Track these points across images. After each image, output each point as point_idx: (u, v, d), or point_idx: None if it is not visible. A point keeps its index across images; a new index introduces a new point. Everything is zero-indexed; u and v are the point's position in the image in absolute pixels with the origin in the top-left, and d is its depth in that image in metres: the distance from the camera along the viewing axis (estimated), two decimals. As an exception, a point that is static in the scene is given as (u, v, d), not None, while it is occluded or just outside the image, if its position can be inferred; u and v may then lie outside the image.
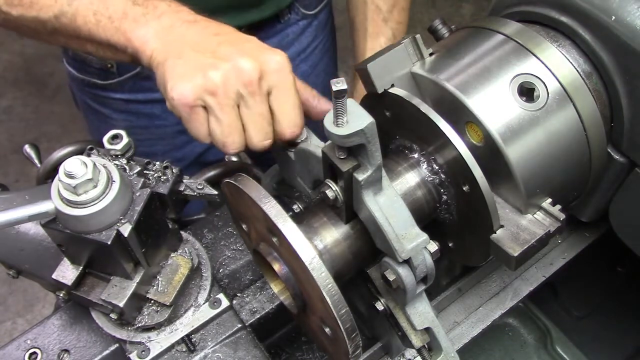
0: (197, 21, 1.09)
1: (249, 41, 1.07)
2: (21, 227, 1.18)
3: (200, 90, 0.99)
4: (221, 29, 1.09)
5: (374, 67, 1.02)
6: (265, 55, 1.03)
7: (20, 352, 1.13)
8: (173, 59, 1.03)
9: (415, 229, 0.90)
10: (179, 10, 1.11)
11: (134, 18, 1.09)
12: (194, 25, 1.08)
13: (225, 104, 1.00)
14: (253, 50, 1.03)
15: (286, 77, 1.03)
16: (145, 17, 1.09)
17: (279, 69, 1.03)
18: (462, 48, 1.05)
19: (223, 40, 1.05)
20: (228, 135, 1.03)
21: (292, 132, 1.06)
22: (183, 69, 1.01)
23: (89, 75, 1.75)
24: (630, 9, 0.98)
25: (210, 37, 1.06)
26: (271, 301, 1.21)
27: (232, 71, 0.99)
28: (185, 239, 1.18)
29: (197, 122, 1.03)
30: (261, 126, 1.03)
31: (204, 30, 1.07)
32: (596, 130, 1.03)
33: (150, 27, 1.08)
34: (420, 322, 0.97)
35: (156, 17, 1.08)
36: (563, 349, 1.58)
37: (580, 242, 1.32)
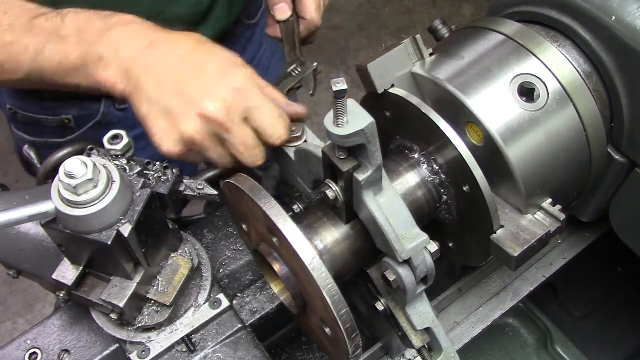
0: (154, 45, 1.10)
1: (209, 60, 1.09)
2: (21, 227, 1.17)
3: (181, 144, 1.07)
4: (179, 50, 1.10)
5: (374, 67, 1.02)
6: (228, 80, 1.06)
7: (20, 352, 1.13)
8: (145, 103, 1.08)
9: (415, 229, 0.90)
10: (132, 35, 1.11)
11: (93, 60, 1.12)
12: (154, 52, 1.09)
13: (207, 147, 1.07)
14: (215, 80, 1.06)
15: (254, 95, 1.06)
16: (103, 60, 1.11)
17: (246, 90, 1.06)
18: (462, 48, 1.05)
19: (185, 71, 1.07)
20: (225, 164, 1.10)
21: (279, 139, 1.08)
22: (158, 123, 1.07)
23: (45, 136, 1.68)
24: (630, 9, 0.98)
25: (172, 70, 1.08)
26: (271, 301, 1.20)
27: (200, 120, 1.04)
28: (185, 239, 1.18)
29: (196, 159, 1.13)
30: (249, 150, 1.07)
31: (165, 58, 1.09)
32: (596, 130, 1.03)
33: (111, 68, 1.10)
34: (420, 322, 0.97)
35: (113, 51, 1.10)
36: (563, 349, 1.58)
37: (580, 242, 1.32)
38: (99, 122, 1.67)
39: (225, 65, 1.09)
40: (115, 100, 1.64)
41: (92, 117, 1.66)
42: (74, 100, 1.63)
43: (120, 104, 1.66)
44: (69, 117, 1.65)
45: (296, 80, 1.26)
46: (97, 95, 1.63)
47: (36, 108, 1.66)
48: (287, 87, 1.23)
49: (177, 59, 1.08)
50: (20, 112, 1.68)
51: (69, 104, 1.63)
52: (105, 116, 1.66)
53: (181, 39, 1.11)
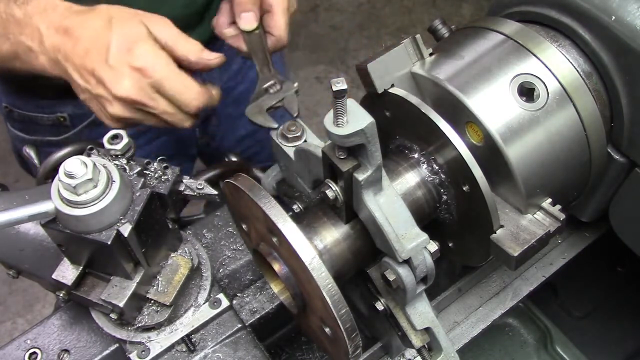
0: (69, 32, 1.15)
1: (112, 40, 1.13)
2: (21, 227, 1.17)
3: (117, 122, 1.19)
4: (89, 32, 1.14)
5: (374, 67, 1.02)
6: (131, 59, 1.11)
7: (20, 352, 1.13)
8: (79, 91, 1.20)
9: (415, 229, 0.90)
10: (49, 23, 1.15)
11: (25, 51, 1.19)
12: (70, 40, 1.15)
13: (139, 120, 1.18)
14: (120, 61, 1.12)
15: (159, 69, 1.12)
16: (33, 51, 1.18)
17: (149, 66, 1.12)
18: (462, 48, 1.05)
19: (97, 56, 1.13)
20: (162, 126, 1.20)
21: (197, 103, 1.16)
22: (93, 106, 1.21)
23: (41, 134, 1.70)
24: (630, 9, 0.98)
25: (87, 56, 1.14)
26: (271, 301, 1.21)
27: (120, 102, 1.15)
28: (185, 239, 1.18)
29: (140, 125, 1.23)
30: (173, 116, 1.17)
31: (80, 44, 1.14)
32: (596, 130, 1.03)
33: (41, 58, 1.19)
34: (420, 322, 0.97)
35: (38, 42, 1.17)
36: (563, 349, 1.58)
37: (580, 242, 1.32)
38: (93, 122, 1.66)
39: (126, 42, 1.12)
40: None
41: (87, 115, 1.65)
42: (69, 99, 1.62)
43: None
44: (64, 116, 1.65)
45: (277, 99, 1.19)
46: None
47: (32, 106, 1.66)
48: (267, 106, 1.17)
49: (88, 43, 1.14)
50: (16, 110, 1.68)
51: (64, 102, 1.63)
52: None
53: (90, 19, 1.15)
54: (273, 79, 1.20)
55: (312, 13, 4.32)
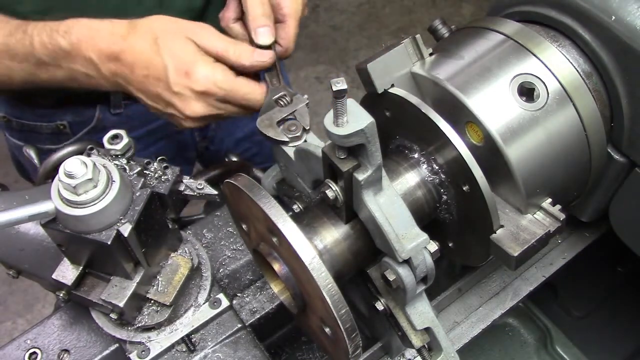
0: (121, 58, 1.16)
1: (168, 67, 1.14)
2: (21, 227, 1.18)
3: (189, 128, 1.25)
4: (142, 57, 1.15)
5: (374, 67, 1.02)
6: (192, 84, 1.14)
7: (20, 352, 1.13)
8: (151, 109, 1.23)
9: (415, 229, 0.90)
10: (100, 53, 1.16)
11: (82, 77, 1.21)
12: (125, 67, 1.16)
13: (211, 121, 1.32)
14: (181, 81, 1.14)
15: (220, 88, 1.14)
16: (92, 78, 1.20)
17: (210, 88, 1.14)
18: (462, 48, 1.05)
19: (156, 82, 1.16)
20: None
21: (261, 98, 1.17)
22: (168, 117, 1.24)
23: (40, 142, 1.68)
24: (630, 9, 0.98)
25: (147, 82, 1.17)
26: (271, 301, 1.21)
27: (194, 121, 1.20)
28: (185, 239, 1.18)
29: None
30: (244, 112, 1.21)
31: (135, 71, 1.16)
32: (596, 130, 1.03)
33: (102, 83, 1.21)
34: (420, 322, 0.97)
35: (95, 70, 1.18)
36: (563, 349, 1.58)
37: (580, 242, 1.32)
38: (94, 128, 1.67)
39: (182, 66, 1.13)
40: (110, 105, 1.65)
41: (87, 123, 1.66)
42: (69, 107, 1.63)
43: (115, 109, 1.66)
44: (64, 124, 1.65)
45: (287, 112, 1.15)
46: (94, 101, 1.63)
47: (30, 115, 1.65)
48: (278, 119, 1.14)
49: (144, 69, 1.16)
50: (15, 119, 1.67)
51: (64, 110, 1.63)
52: (101, 122, 1.66)
53: (136, 42, 1.15)
54: (283, 91, 1.17)
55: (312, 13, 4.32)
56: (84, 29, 1.16)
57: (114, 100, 1.64)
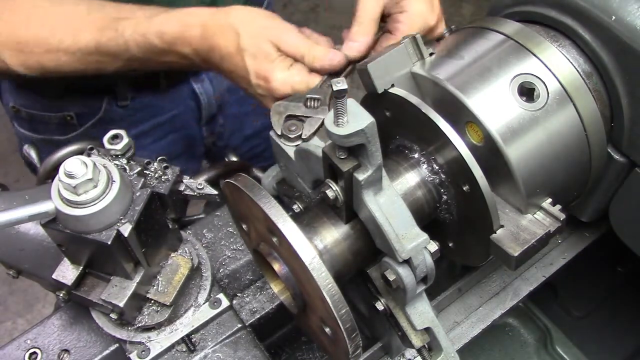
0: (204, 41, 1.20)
1: (243, 61, 1.17)
2: (21, 227, 1.18)
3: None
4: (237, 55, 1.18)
5: (374, 67, 1.02)
6: (273, 86, 1.16)
7: (20, 352, 1.13)
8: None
9: (416, 229, 0.90)
10: (201, 41, 1.20)
11: (177, 62, 1.26)
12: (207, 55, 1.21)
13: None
14: (261, 84, 1.17)
15: (299, 88, 1.15)
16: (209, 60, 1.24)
17: (290, 88, 1.15)
18: (462, 48, 1.05)
19: (234, 72, 1.20)
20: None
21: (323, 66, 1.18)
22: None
23: (48, 133, 1.71)
24: (630, 9, 0.98)
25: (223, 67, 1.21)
26: (271, 301, 1.21)
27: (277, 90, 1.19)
28: (185, 239, 1.18)
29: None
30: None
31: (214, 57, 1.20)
32: (596, 130, 1.03)
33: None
34: (420, 322, 0.97)
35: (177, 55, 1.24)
36: (563, 349, 1.58)
37: (580, 242, 1.32)
38: (101, 119, 1.67)
39: (262, 72, 1.16)
40: (118, 97, 1.65)
41: (94, 114, 1.66)
42: (76, 97, 1.64)
43: (122, 101, 1.66)
44: (71, 114, 1.66)
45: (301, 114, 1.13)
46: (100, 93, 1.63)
47: (39, 105, 1.67)
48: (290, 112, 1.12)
49: (230, 65, 1.19)
50: (24, 109, 1.69)
51: (71, 101, 1.64)
52: (108, 113, 1.67)
53: (221, 39, 1.18)
54: (321, 95, 1.14)
55: (312, 13, 4.32)
56: (176, 27, 1.20)
57: (120, 92, 1.64)
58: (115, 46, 1.25)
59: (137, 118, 1.71)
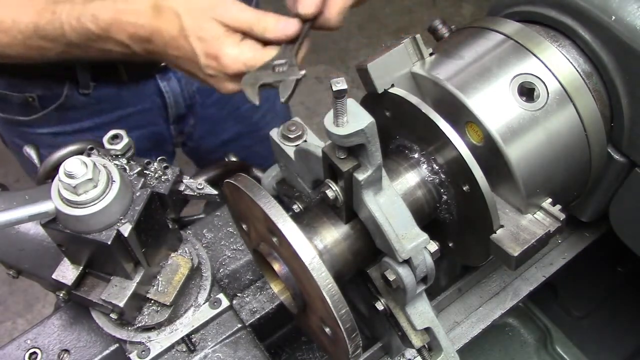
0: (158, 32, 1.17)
1: (189, 44, 1.15)
2: (21, 227, 1.18)
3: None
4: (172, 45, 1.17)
5: (374, 67, 1.02)
6: (224, 63, 1.14)
7: (20, 352, 1.13)
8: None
9: (416, 229, 0.90)
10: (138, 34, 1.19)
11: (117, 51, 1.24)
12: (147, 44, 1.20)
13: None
14: (212, 64, 1.15)
15: (253, 62, 1.14)
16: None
17: (243, 63, 1.14)
18: (462, 48, 1.05)
19: (181, 57, 1.18)
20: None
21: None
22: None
23: (11, 113, 1.69)
24: (630, 9, 0.98)
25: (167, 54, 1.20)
26: (271, 301, 1.21)
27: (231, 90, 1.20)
28: (185, 239, 1.18)
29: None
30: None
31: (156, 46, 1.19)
32: (596, 130, 1.03)
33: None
34: (420, 322, 0.97)
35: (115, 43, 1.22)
36: (563, 349, 1.58)
37: (580, 242, 1.32)
38: (63, 104, 1.66)
39: (211, 50, 1.14)
40: (79, 84, 1.63)
41: (55, 98, 1.64)
42: (39, 80, 1.62)
43: (84, 89, 1.64)
44: (33, 96, 1.64)
45: (275, 79, 1.13)
46: (62, 78, 1.62)
47: (2, 84, 1.65)
48: (262, 82, 1.12)
49: (175, 51, 1.17)
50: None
51: (34, 83, 1.62)
52: (69, 99, 1.65)
53: (163, 26, 1.16)
54: (286, 58, 1.14)
55: (312, 13, 4.31)
56: (110, 12, 1.18)
57: (82, 80, 1.62)
58: (52, 30, 1.22)
59: (100, 108, 1.69)
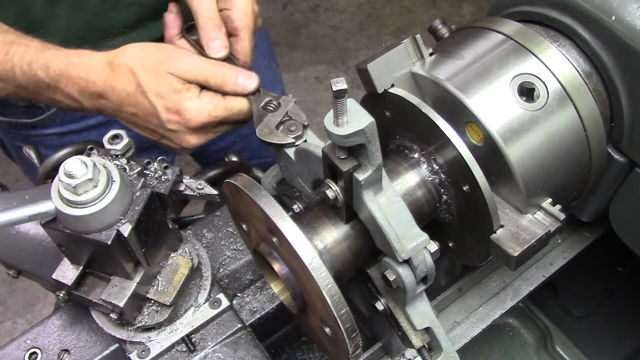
0: (104, 96, 1.16)
1: (148, 102, 1.14)
2: (21, 227, 1.18)
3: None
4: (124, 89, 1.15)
5: (374, 67, 1.02)
6: (186, 117, 1.13)
7: (20, 352, 1.13)
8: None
9: (416, 228, 0.90)
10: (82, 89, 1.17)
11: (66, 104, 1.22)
12: (110, 102, 1.17)
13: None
14: (174, 119, 1.14)
15: (215, 114, 1.14)
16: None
17: (206, 116, 1.14)
18: (462, 48, 1.05)
19: (139, 114, 1.17)
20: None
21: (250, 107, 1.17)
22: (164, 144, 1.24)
23: (15, 116, 1.67)
24: (630, 9, 0.98)
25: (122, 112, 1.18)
26: (271, 301, 1.21)
27: (191, 149, 1.20)
28: (185, 239, 1.18)
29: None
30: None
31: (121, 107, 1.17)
32: (596, 130, 1.03)
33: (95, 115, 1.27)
34: (420, 322, 0.97)
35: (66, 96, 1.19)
36: (563, 349, 1.58)
37: (580, 242, 1.32)
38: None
39: (171, 105, 1.14)
40: None
41: None
42: None
43: None
44: None
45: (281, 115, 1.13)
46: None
47: None
48: (275, 124, 1.12)
49: (132, 108, 1.16)
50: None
51: None
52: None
53: (117, 83, 1.15)
54: (267, 97, 1.16)
55: (312, 13, 4.32)
56: (62, 64, 1.16)
57: None
58: (2, 70, 1.20)
59: None
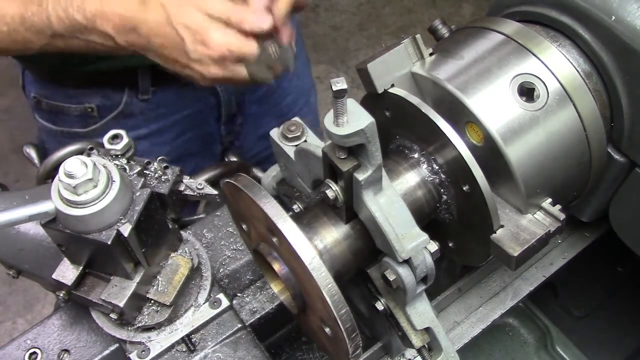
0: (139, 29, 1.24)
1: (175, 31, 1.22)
2: (21, 227, 1.18)
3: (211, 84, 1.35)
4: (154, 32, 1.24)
5: (374, 67, 1.02)
6: (210, 46, 1.21)
7: (20, 352, 1.13)
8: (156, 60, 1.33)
9: (416, 228, 0.90)
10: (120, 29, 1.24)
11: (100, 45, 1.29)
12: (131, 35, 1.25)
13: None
14: (198, 49, 1.22)
15: (236, 48, 1.22)
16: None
17: (227, 48, 1.21)
18: (462, 48, 1.05)
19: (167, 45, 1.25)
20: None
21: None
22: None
23: (68, 125, 1.71)
24: (630, 9, 0.98)
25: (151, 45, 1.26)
26: (271, 301, 1.21)
27: (210, 80, 1.29)
28: (185, 239, 1.18)
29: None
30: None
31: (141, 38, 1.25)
32: (596, 130, 1.03)
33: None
34: (420, 322, 0.97)
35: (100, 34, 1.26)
36: (563, 349, 1.58)
37: (580, 242, 1.32)
38: (121, 112, 1.67)
39: (197, 36, 1.21)
40: (139, 90, 1.65)
41: (114, 107, 1.66)
42: (97, 89, 1.65)
43: (143, 95, 1.66)
44: (92, 106, 1.67)
45: (275, 60, 1.26)
46: (122, 85, 1.64)
47: (60, 96, 1.67)
48: (265, 61, 1.24)
49: (161, 39, 1.23)
50: (44, 100, 1.69)
51: (92, 93, 1.65)
52: (128, 106, 1.67)
53: (149, 15, 1.22)
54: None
55: (312, 13, 4.32)
56: (96, 4, 1.22)
57: (142, 85, 1.65)
58: (39, 21, 1.24)
59: (157, 113, 1.71)
